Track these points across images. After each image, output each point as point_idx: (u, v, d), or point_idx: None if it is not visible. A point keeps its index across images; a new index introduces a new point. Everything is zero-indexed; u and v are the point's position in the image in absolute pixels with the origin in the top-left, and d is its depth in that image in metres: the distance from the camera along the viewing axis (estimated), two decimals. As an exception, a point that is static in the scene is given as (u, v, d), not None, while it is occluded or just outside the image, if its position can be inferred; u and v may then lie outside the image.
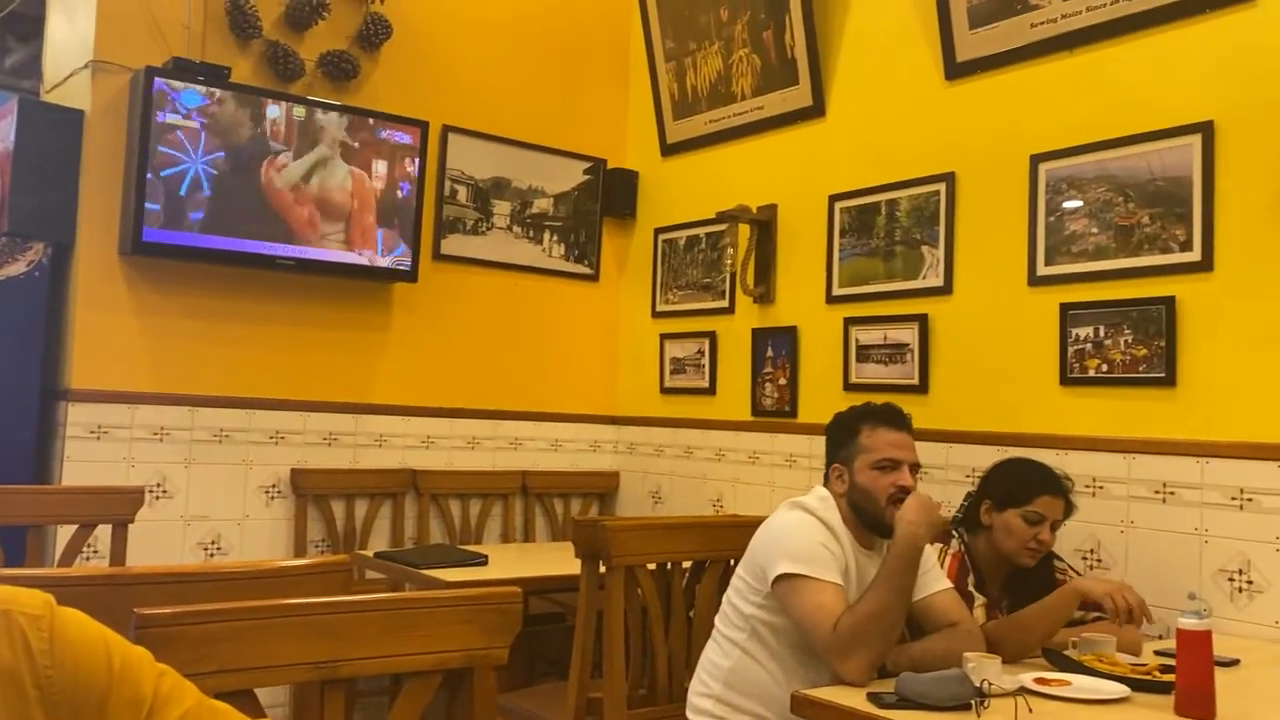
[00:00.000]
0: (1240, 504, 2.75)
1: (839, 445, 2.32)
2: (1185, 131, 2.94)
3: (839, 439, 2.33)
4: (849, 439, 2.29)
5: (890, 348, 3.72)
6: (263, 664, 1.38)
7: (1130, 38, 3.08)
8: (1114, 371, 3.05)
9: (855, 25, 3.95)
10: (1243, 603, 2.73)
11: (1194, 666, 1.82)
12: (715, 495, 4.36)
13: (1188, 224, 2.93)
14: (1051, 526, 2.46)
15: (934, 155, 3.62)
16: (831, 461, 2.32)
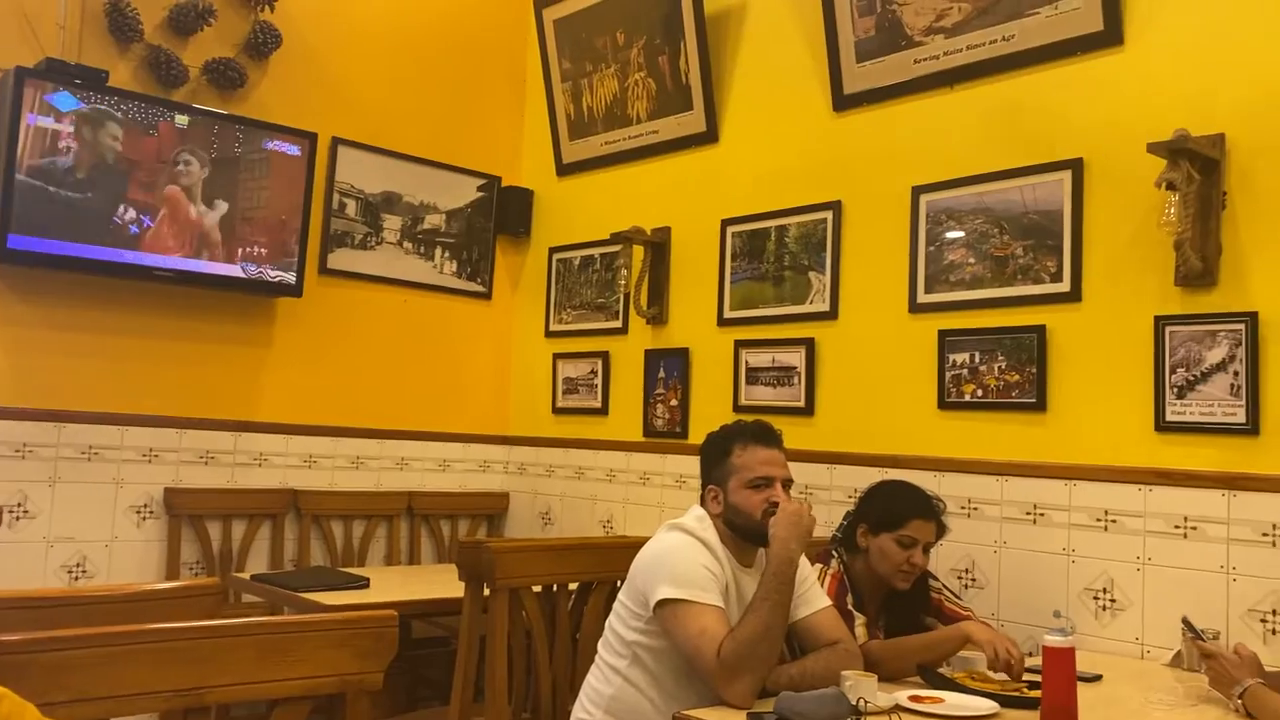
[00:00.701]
0: (1105, 525, 2.88)
1: (712, 465, 2.33)
2: (1057, 168, 3.08)
3: (712, 459, 2.34)
4: (721, 459, 2.31)
5: (779, 370, 3.79)
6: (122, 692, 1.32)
7: (1007, 76, 3.22)
8: (988, 396, 3.17)
9: (748, 55, 4.03)
10: (1106, 620, 2.85)
11: (1058, 683, 1.89)
12: (606, 516, 4.36)
13: (1058, 256, 3.06)
14: (924, 549, 2.52)
15: (822, 184, 3.71)
16: (706, 482, 2.33)
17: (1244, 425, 2.65)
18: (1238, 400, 2.67)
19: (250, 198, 4.03)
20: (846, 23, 3.59)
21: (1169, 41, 2.88)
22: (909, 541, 2.49)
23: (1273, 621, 2.56)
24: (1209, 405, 2.72)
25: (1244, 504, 2.64)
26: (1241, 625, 2.60)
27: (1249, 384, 2.64)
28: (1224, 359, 2.70)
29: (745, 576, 2.25)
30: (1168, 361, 2.79)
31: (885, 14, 3.49)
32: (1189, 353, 2.76)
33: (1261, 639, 2.56)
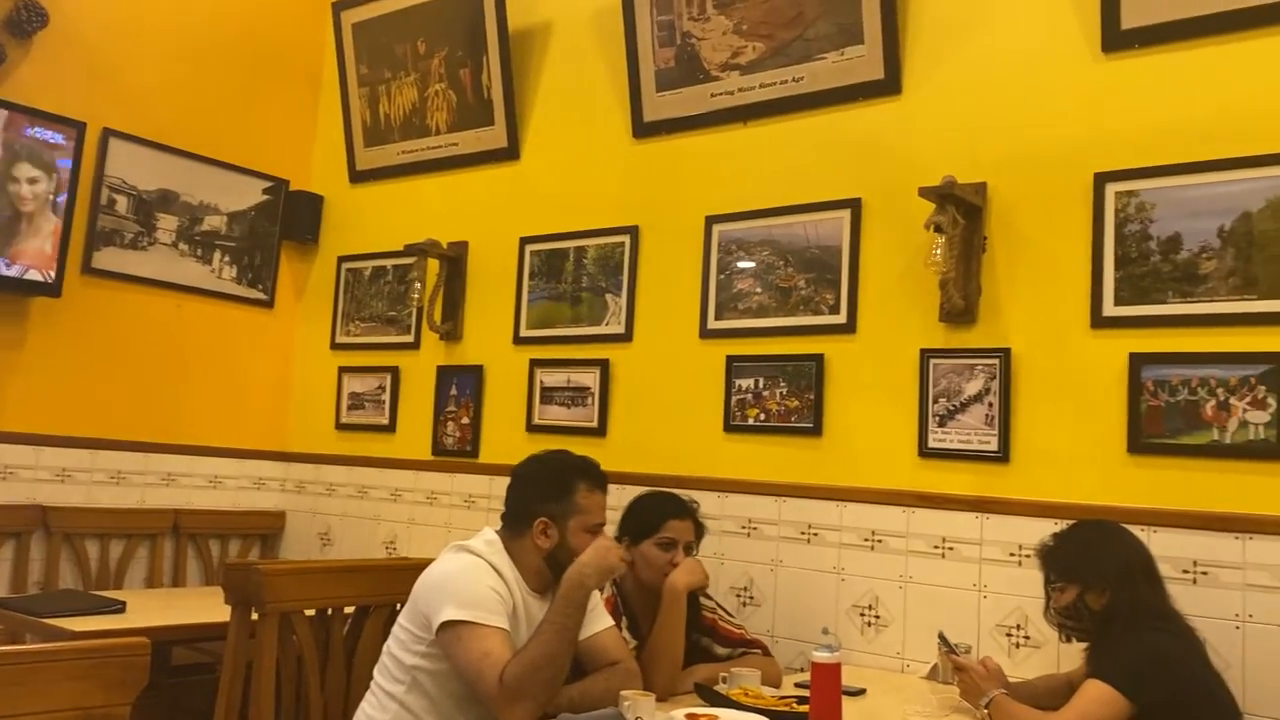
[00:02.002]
0: (871, 545, 3.04)
1: (549, 498, 2.22)
2: (838, 206, 3.25)
3: (548, 491, 2.24)
4: (564, 494, 2.22)
5: (573, 390, 3.80)
6: None
7: (796, 116, 3.37)
8: (771, 420, 3.29)
9: (552, 74, 4.05)
10: (871, 635, 3.01)
11: (824, 697, 1.97)
12: (389, 537, 4.23)
13: (837, 289, 3.22)
14: (686, 549, 2.59)
15: (621, 208, 3.76)
16: (537, 513, 2.21)
17: (996, 453, 2.86)
18: (991, 429, 2.88)
19: (4, 189, 3.68)
20: (648, 52, 3.67)
21: (942, 94, 3.10)
22: (668, 543, 2.57)
23: (1017, 636, 2.77)
24: (966, 433, 2.93)
25: (995, 526, 2.84)
26: (990, 639, 2.80)
27: (1001, 414, 2.87)
28: (980, 391, 2.91)
29: (535, 602, 2.21)
30: (931, 392, 2.99)
31: (685, 47, 3.59)
32: (950, 384, 2.96)
33: (1007, 652, 2.76)
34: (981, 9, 3.05)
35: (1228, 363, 2.56)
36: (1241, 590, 2.48)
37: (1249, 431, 2.52)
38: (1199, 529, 2.54)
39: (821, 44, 3.29)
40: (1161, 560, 2.40)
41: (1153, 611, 2.18)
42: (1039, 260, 2.88)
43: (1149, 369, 2.66)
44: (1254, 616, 2.45)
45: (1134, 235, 2.74)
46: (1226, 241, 2.61)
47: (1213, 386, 2.58)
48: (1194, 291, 2.64)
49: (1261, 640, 2.44)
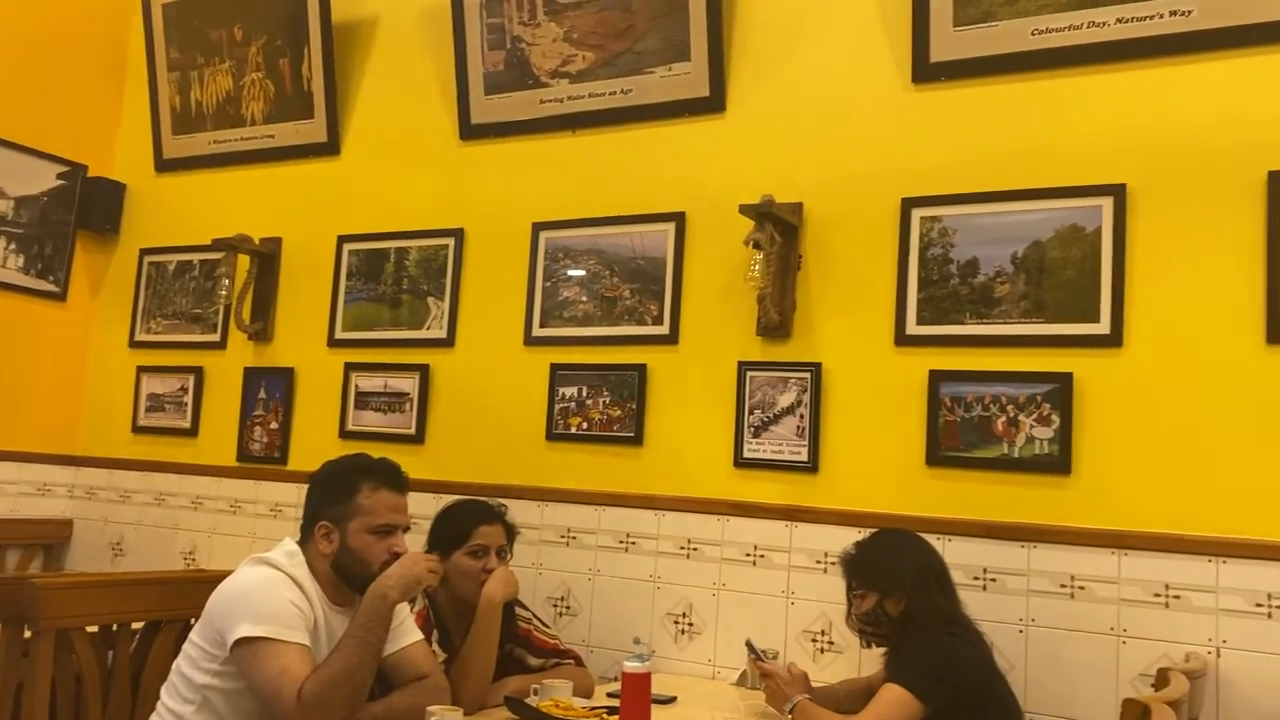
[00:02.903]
0: (687, 553, 3.08)
1: (330, 500, 2.15)
2: (663, 219, 3.28)
3: (331, 493, 2.16)
4: (345, 496, 2.14)
5: (390, 396, 3.69)
6: None
7: (625, 128, 3.39)
8: (593, 429, 3.29)
9: (377, 70, 3.93)
10: (684, 643, 3.05)
11: (634, 706, 1.98)
12: (188, 547, 3.99)
13: (660, 300, 3.26)
14: (498, 554, 2.56)
15: (446, 209, 3.68)
16: (319, 517, 2.14)
17: (806, 463, 2.96)
18: (802, 440, 2.97)
19: None
20: (476, 54, 3.62)
21: (763, 116, 3.18)
22: (480, 550, 2.53)
23: (822, 641, 2.86)
24: (779, 444, 3.01)
25: (804, 534, 2.93)
26: (797, 645, 2.88)
27: (811, 426, 2.96)
28: (793, 403, 3.00)
29: (337, 616, 2.12)
30: (747, 403, 3.06)
31: (514, 51, 3.56)
32: (765, 396, 3.04)
33: (812, 657, 2.85)
34: (802, 36, 3.15)
35: (1018, 381, 2.73)
36: (1025, 596, 2.64)
37: (1035, 446, 2.69)
38: (989, 538, 2.70)
39: (650, 58, 3.33)
40: (955, 567, 2.53)
41: (945, 617, 2.30)
42: (849, 279, 2.99)
43: (947, 385, 2.81)
44: (1036, 621, 2.62)
45: (936, 259, 2.88)
46: (1019, 267, 2.79)
47: (1004, 404, 2.74)
48: (989, 313, 2.81)
49: (1042, 643, 2.60)
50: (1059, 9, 2.78)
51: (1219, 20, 2.61)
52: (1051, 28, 2.79)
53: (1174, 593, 2.49)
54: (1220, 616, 2.44)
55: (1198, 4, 2.63)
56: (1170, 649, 2.46)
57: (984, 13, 2.87)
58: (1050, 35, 2.80)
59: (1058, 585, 2.61)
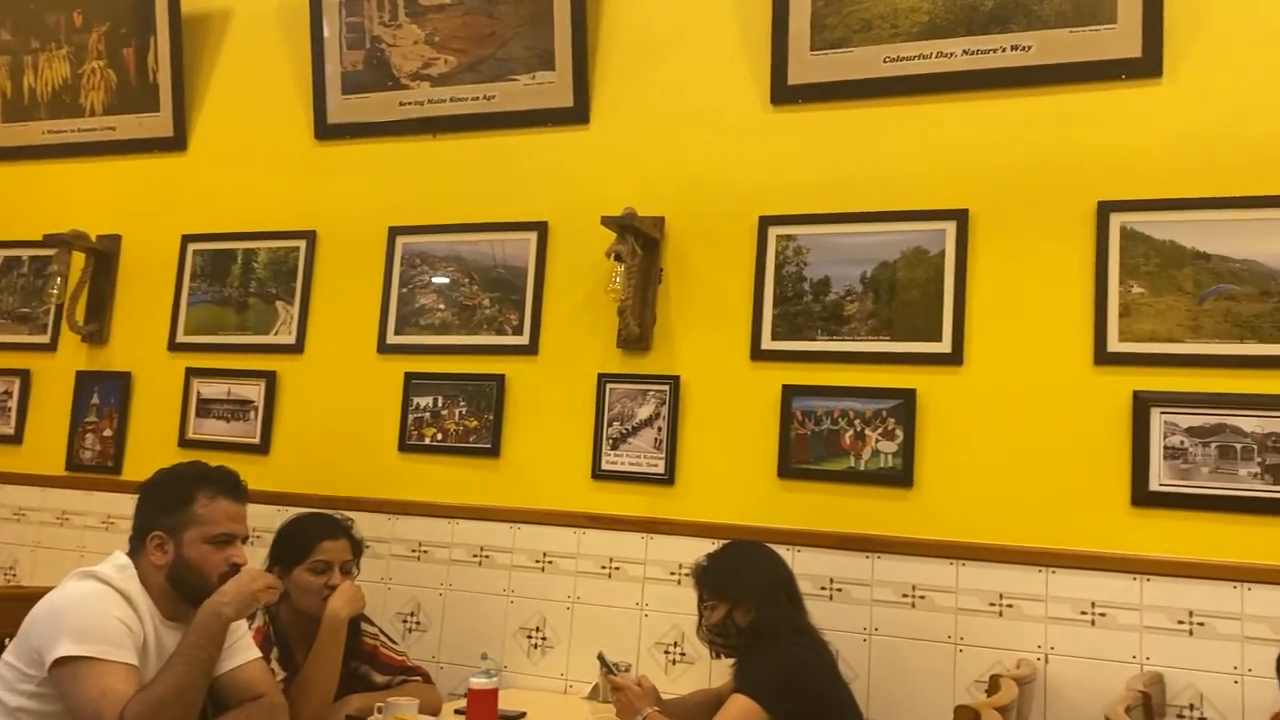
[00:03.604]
0: (542, 566, 3.05)
1: (165, 510, 2.05)
2: (525, 228, 3.25)
3: (165, 502, 2.06)
4: (180, 505, 2.04)
5: (234, 404, 3.54)
6: None
7: (488, 134, 3.35)
8: (448, 440, 3.22)
9: (230, 63, 3.78)
10: (537, 658, 3.01)
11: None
12: (8, 562, 3.72)
13: (521, 310, 3.23)
14: (342, 569, 2.48)
15: (298, 211, 3.56)
16: (152, 527, 2.03)
17: (663, 475, 2.97)
18: (660, 453, 2.99)
19: None
20: (335, 52, 3.52)
21: (626, 129, 3.19)
22: (322, 566, 2.44)
23: (674, 652, 2.88)
24: (637, 456, 3.01)
25: (659, 546, 2.94)
26: (650, 657, 2.89)
27: (669, 439, 2.98)
28: (651, 415, 3.01)
29: (170, 632, 2.01)
30: (606, 415, 3.06)
31: (374, 51, 3.48)
32: (624, 408, 3.05)
33: (664, 669, 2.86)
34: (667, 52, 3.18)
35: (865, 397, 2.81)
36: (869, 606, 2.71)
37: (880, 460, 2.78)
38: (836, 549, 2.76)
39: (514, 65, 3.30)
40: (803, 578, 2.58)
41: (792, 627, 2.33)
42: (709, 293, 3.03)
43: (799, 400, 2.87)
44: (879, 630, 2.69)
45: (791, 276, 2.95)
46: (868, 287, 2.87)
47: (852, 418, 2.82)
48: (839, 331, 2.88)
49: (884, 651, 2.68)
50: (910, 39, 2.89)
51: (1055, 57, 2.75)
52: (903, 56, 2.90)
53: (1007, 601, 2.60)
54: (1049, 624, 2.55)
55: (1036, 40, 2.77)
56: (1003, 656, 2.56)
57: (840, 39, 2.95)
58: (902, 63, 2.90)
59: (900, 595, 2.69)
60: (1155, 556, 2.49)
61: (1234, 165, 2.56)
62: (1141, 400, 2.54)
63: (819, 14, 2.97)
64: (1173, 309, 2.57)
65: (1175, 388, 2.53)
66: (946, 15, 2.86)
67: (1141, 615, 2.48)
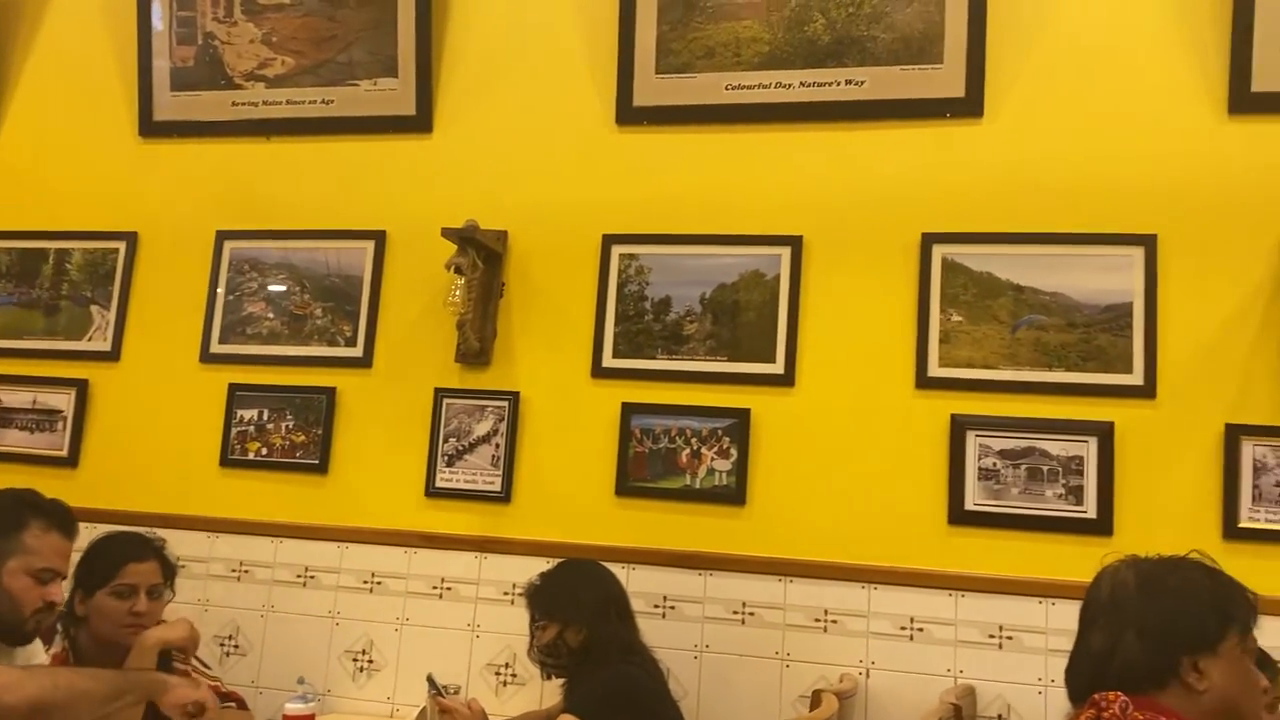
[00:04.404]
0: (370, 587, 2.95)
1: None
2: (361, 236, 3.16)
3: None
4: (9, 531, 1.92)
5: (40, 414, 3.30)
6: None
7: (324, 139, 3.25)
8: (273, 455, 3.09)
9: (46, 49, 3.54)
10: (363, 681, 2.91)
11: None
12: None
13: (355, 321, 3.13)
14: (149, 594, 2.32)
15: (118, 210, 3.36)
16: None
17: (499, 493, 2.93)
18: (497, 470, 2.94)
19: None
20: (164, 46, 3.35)
21: (471, 140, 3.15)
22: (127, 590, 2.28)
23: (505, 674, 2.83)
24: (473, 473, 2.96)
25: (493, 565, 2.89)
26: (481, 679, 2.83)
27: (507, 456, 2.94)
28: (489, 432, 2.97)
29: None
30: (442, 431, 2.99)
31: (207, 48, 3.33)
32: (461, 424, 2.99)
33: (495, 691, 2.81)
34: (514, 65, 3.15)
35: (702, 415, 2.84)
36: (701, 623, 2.73)
37: (715, 478, 2.81)
38: (670, 566, 2.78)
39: (355, 70, 3.22)
40: (637, 596, 2.59)
41: (623, 646, 2.33)
42: (551, 310, 3.01)
43: (637, 418, 2.88)
44: (710, 647, 2.72)
45: (633, 295, 2.96)
46: (707, 308, 2.92)
47: (688, 436, 2.85)
48: (679, 350, 2.91)
49: (715, 668, 2.70)
50: (751, 68, 2.96)
51: (886, 93, 2.87)
52: (744, 84, 2.96)
53: (832, 617, 2.66)
54: (870, 639, 2.63)
55: (869, 76, 2.88)
56: (827, 671, 2.63)
57: (684, 64, 3.00)
58: (743, 91, 2.96)
59: (730, 612, 2.72)
60: (969, 573, 2.60)
61: (1046, 203, 2.72)
62: (958, 423, 2.67)
63: (664, 38, 3.01)
64: (988, 337, 2.71)
65: (989, 411, 2.66)
66: (786, 47, 2.94)
67: (956, 630, 2.59)
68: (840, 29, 2.90)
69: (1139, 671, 1.36)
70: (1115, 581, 1.46)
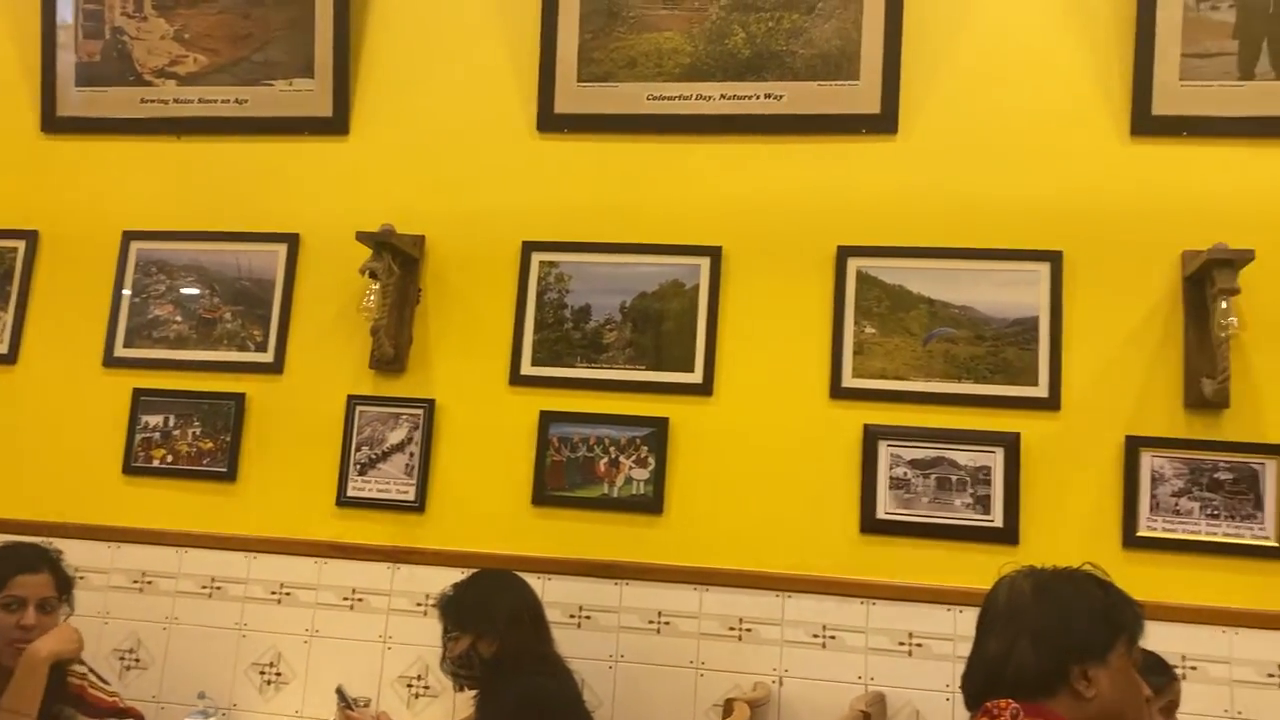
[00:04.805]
0: (279, 598, 2.88)
1: None
2: (274, 239, 3.09)
3: None
4: None
5: (-70, 418, 3.15)
6: None
7: (238, 139, 3.17)
8: (179, 463, 3.00)
9: (-59, 41, 3.40)
10: (270, 694, 2.83)
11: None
12: None
13: (266, 326, 3.06)
14: (40, 607, 2.23)
15: (18, 208, 3.24)
16: None
17: (413, 503, 2.88)
18: (411, 479, 2.90)
19: None
20: (70, 40, 3.24)
21: (389, 143, 3.10)
22: (14, 603, 2.19)
23: (417, 686, 2.78)
24: (386, 482, 2.91)
25: (406, 576, 2.84)
26: (392, 691, 2.78)
27: (421, 465, 2.89)
28: (403, 440, 2.92)
29: None
30: (355, 439, 2.94)
31: (115, 43, 3.23)
32: (374, 432, 2.94)
33: (407, 703, 2.76)
34: (434, 69, 3.12)
35: (620, 424, 2.84)
36: (616, 632, 2.73)
37: (633, 487, 2.81)
38: (587, 576, 2.76)
39: (271, 70, 3.15)
40: (553, 606, 2.57)
41: (536, 657, 2.31)
42: (468, 316, 2.98)
43: (556, 426, 2.86)
44: (625, 656, 2.71)
45: (552, 303, 2.95)
46: (627, 316, 2.91)
47: (607, 445, 2.84)
48: (598, 358, 2.90)
49: (630, 678, 2.70)
50: (673, 79, 2.97)
51: (804, 108, 2.90)
52: (666, 95, 2.98)
53: (746, 626, 2.68)
54: (784, 647, 2.65)
55: (788, 91, 2.92)
56: (741, 679, 2.64)
57: (606, 72, 3.00)
58: (664, 102, 2.97)
59: (646, 621, 2.72)
60: (881, 581, 2.64)
61: (957, 219, 2.78)
62: (871, 433, 2.71)
63: (586, 46, 3.01)
64: (900, 349, 2.75)
65: (901, 422, 2.70)
66: (707, 59, 2.96)
67: (867, 637, 2.62)
68: (760, 43, 2.93)
69: (1031, 677, 1.39)
70: (1013, 590, 1.49)
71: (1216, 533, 2.55)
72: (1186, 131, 2.72)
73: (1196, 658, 2.49)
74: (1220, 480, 2.57)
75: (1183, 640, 2.49)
